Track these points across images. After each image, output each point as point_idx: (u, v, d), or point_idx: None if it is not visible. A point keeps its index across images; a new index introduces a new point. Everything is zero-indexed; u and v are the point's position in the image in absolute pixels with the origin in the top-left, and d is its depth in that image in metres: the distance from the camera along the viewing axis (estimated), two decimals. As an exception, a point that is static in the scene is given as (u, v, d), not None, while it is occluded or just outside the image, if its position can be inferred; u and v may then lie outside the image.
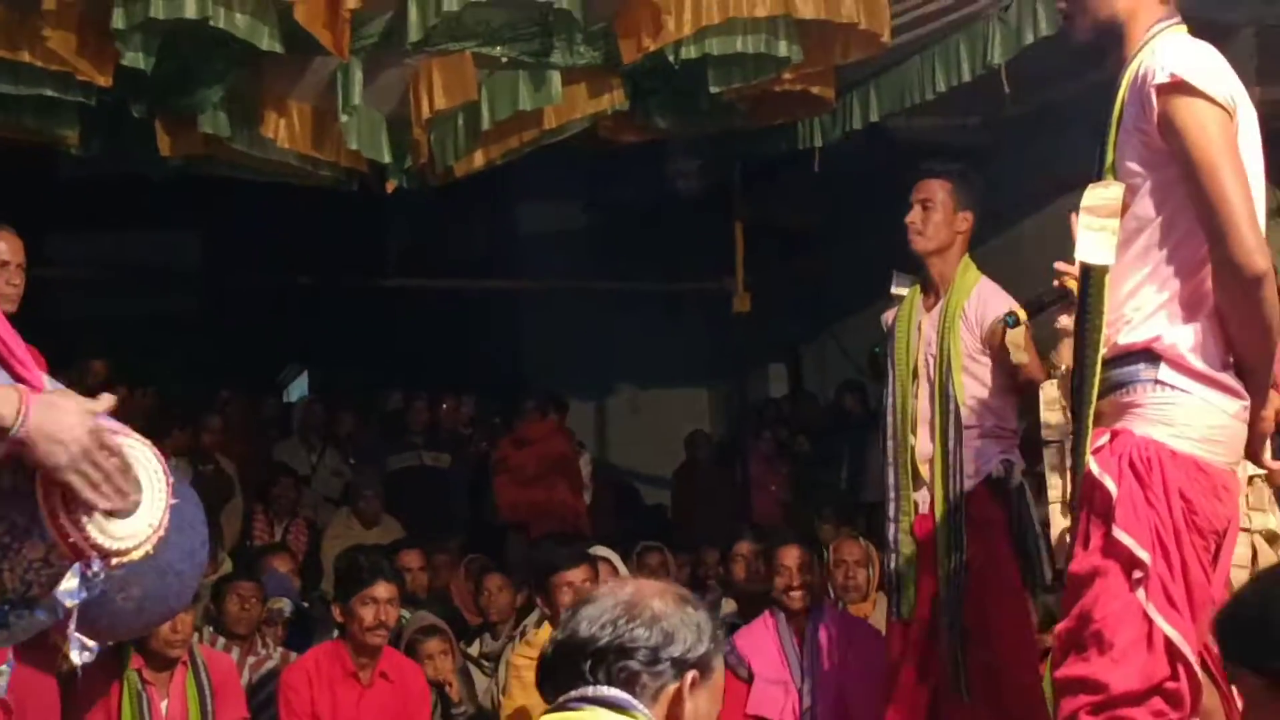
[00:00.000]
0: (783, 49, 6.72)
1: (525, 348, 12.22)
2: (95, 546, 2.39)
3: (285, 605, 6.81)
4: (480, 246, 11.94)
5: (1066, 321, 4.02)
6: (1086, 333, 3.36)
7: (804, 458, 10.45)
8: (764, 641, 5.92)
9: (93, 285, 11.17)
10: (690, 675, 2.36)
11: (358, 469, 9.99)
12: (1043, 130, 8.53)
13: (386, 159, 7.21)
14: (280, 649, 6.49)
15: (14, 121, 6.92)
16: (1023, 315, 5.08)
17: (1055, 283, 3.95)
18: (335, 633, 6.01)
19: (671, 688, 2.34)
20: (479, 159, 7.36)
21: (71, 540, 2.38)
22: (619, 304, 11.50)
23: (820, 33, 6.81)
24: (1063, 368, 4.11)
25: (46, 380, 2.49)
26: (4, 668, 2.61)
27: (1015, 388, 5.12)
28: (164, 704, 5.50)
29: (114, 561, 2.44)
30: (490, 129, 7.06)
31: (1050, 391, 4.02)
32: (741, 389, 11.29)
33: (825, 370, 11.33)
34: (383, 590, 5.73)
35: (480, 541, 9.01)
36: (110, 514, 2.47)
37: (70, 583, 2.40)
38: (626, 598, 2.38)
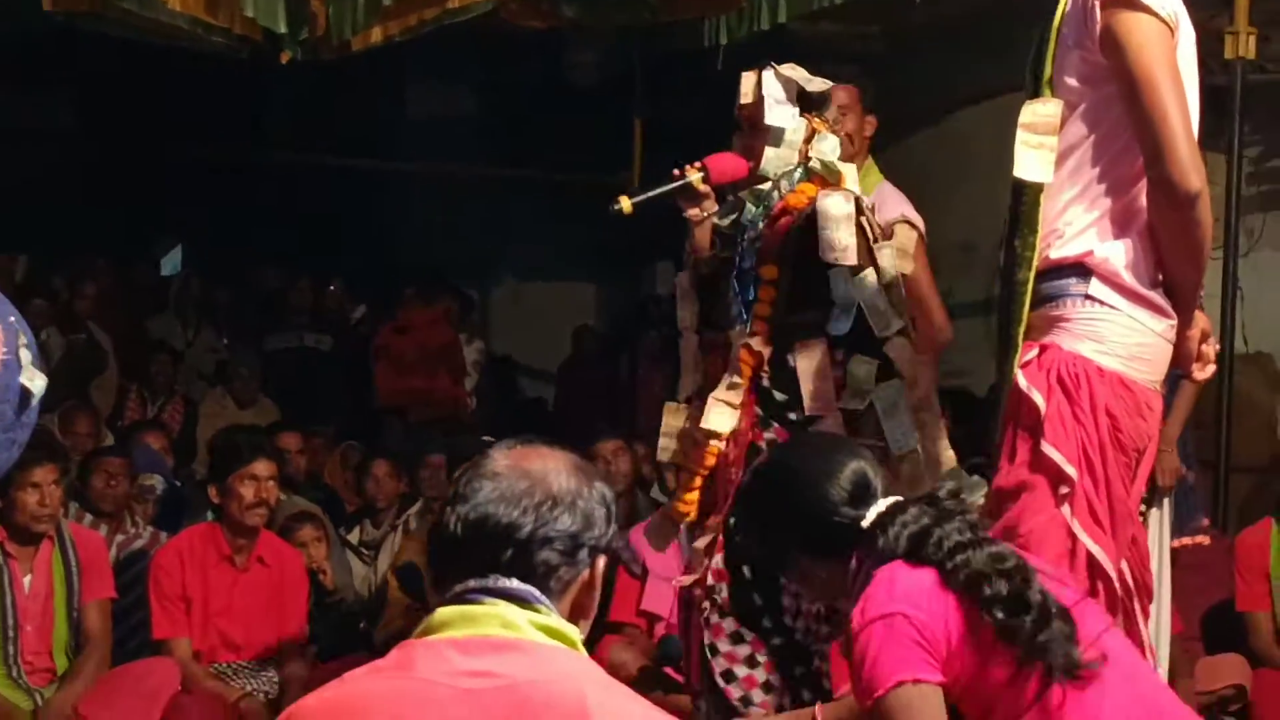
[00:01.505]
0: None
1: (407, 232, 12.02)
2: None
3: (157, 482, 6.63)
4: (366, 125, 11.68)
5: (695, 213, 4.16)
6: (1019, 249, 3.32)
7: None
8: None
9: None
10: (600, 560, 2.21)
11: (234, 347, 9.77)
12: (941, 44, 8.49)
13: (282, 29, 6.93)
14: (150, 528, 6.30)
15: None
16: (917, 224, 5.05)
17: (675, 171, 4.08)
18: (209, 515, 5.84)
19: (583, 576, 2.19)
20: (377, 34, 7.12)
21: None
22: (507, 191, 11.31)
23: (734, -74, 6.67)
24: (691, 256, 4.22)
25: None
26: None
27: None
28: (27, 579, 5.30)
29: None
30: (391, 4, 6.85)
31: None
32: (630, 285, 11.20)
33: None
34: (263, 468, 5.58)
35: (357, 427, 8.87)
36: None
37: None
38: (538, 476, 2.19)
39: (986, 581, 2.65)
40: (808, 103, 4.13)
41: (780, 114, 4.08)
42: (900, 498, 2.88)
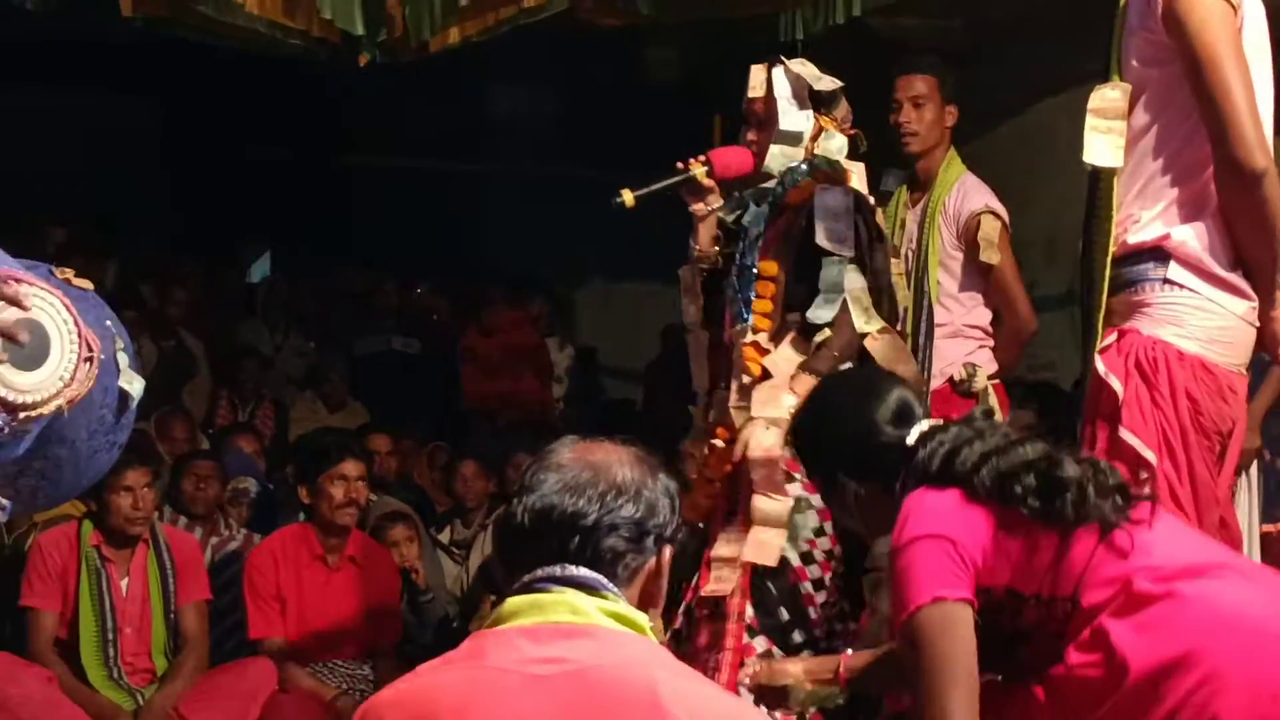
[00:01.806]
0: (768, -63, 6.57)
1: (490, 233, 12.06)
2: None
3: (250, 485, 6.71)
4: (448, 126, 11.73)
5: (700, 207, 4.16)
6: (1095, 235, 3.31)
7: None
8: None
9: (48, 149, 10.89)
10: (667, 550, 2.24)
11: (322, 351, 9.86)
12: (1023, 36, 8.42)
13: (360, 31, 6.99)
14: (244, 530, 6.39)
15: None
16: (1001, 215, 5.03)
17: (679, 164, 4.10)
18: (301, 516, 5.91)
19: (649, 564, 2.23)
20: (454, 35, 7.15)
21: None
22: (589, 192, 11.32)
23: (808, -80, 6.65)
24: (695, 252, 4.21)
25: None
26: None
27: (987, 288, 5.10)
28: (124, 582, 5.41)
29: (21, 416, 2.33)
30: (468, 5, 6.88)
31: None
32: (717, 284, 11.13)
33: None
34: (351, 468, 5.65)
35: (446, 429, 8.92)
36: (12, 365, 2.36)
37: None
38: (601, 466, 2.22)
39: (1014, 480, 2.64)
40: (817, 101, 4.12)
41: (795, 118, 4.07)
42: (942, 420, 2.89)
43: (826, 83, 4.14)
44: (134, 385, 2.92)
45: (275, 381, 9.52)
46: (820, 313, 3.91)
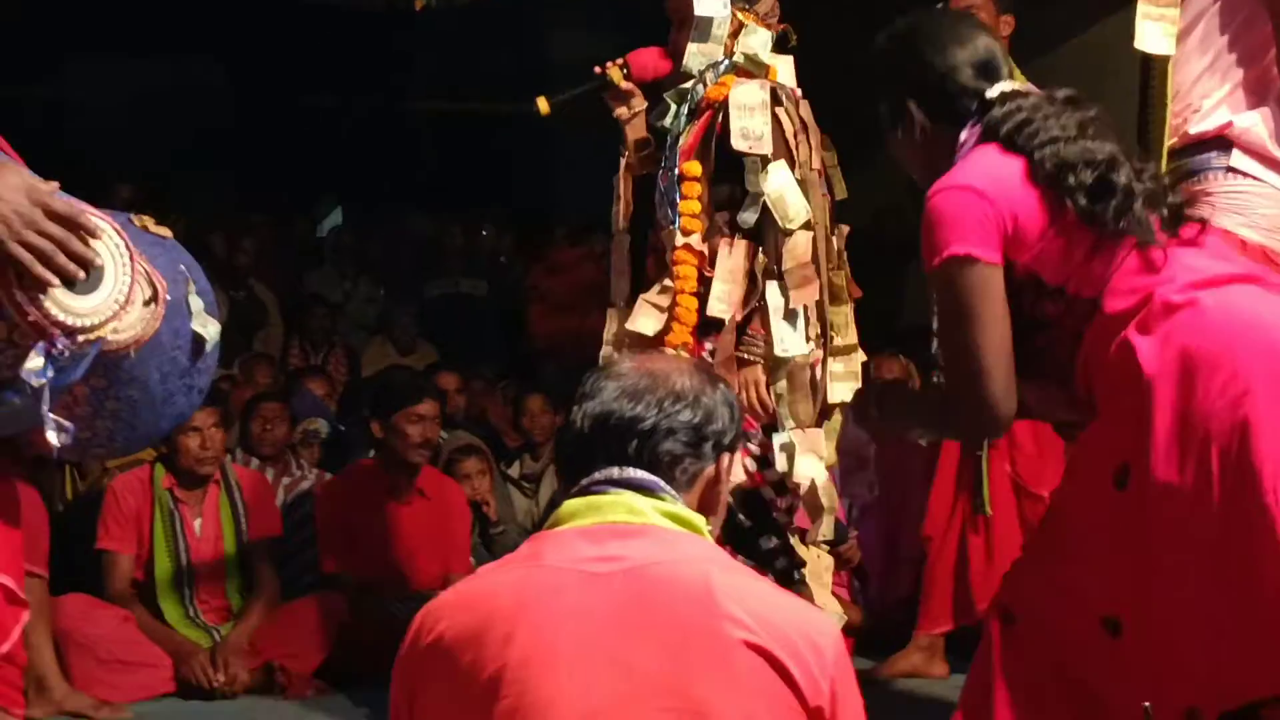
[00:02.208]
0: None
1: (554, 174, 12.05)
2: (56, 323, 2.31)
3: (321, 425, 6.75)
4: (508, 69, 11.71)
5: (623, 111, 4.10)
6: (1152, 125, 3.25)
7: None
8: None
9: (115, 109, 11.01)
10: (725, 458, 2.26)
11: (392, 296, 9.91)
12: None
13: (415, -26, 7.02)
14: (315, 470, 6.45)
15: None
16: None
17: (596, 69, 4.03)
18: (371, 452, 5.95)
19: (708, 470, 2.24)
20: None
21: (31, 319, 2.30)
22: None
23: None
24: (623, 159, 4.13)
25: None
26: None
27: None
28: (197, 522, 5.48)
29: (79, 339, 2.36)
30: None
31: None
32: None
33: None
34: (428, 407, 5.67)
35: (514, 368, 8.95)
36: (71, 288, 2.39)
37: (35, 361, 2.34)
38: (661, 374, 2.24)
39: (1072, 171, 2.60)
40: None
41: (709, 3, 3.95)
42: (1026, 86, 2.83)
43: None
44: (208, 329, 2.95)
45: (346, 328, 9.60)
46: (745, 216, 3.85)
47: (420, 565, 5.65)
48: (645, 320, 3.90)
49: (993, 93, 2.76)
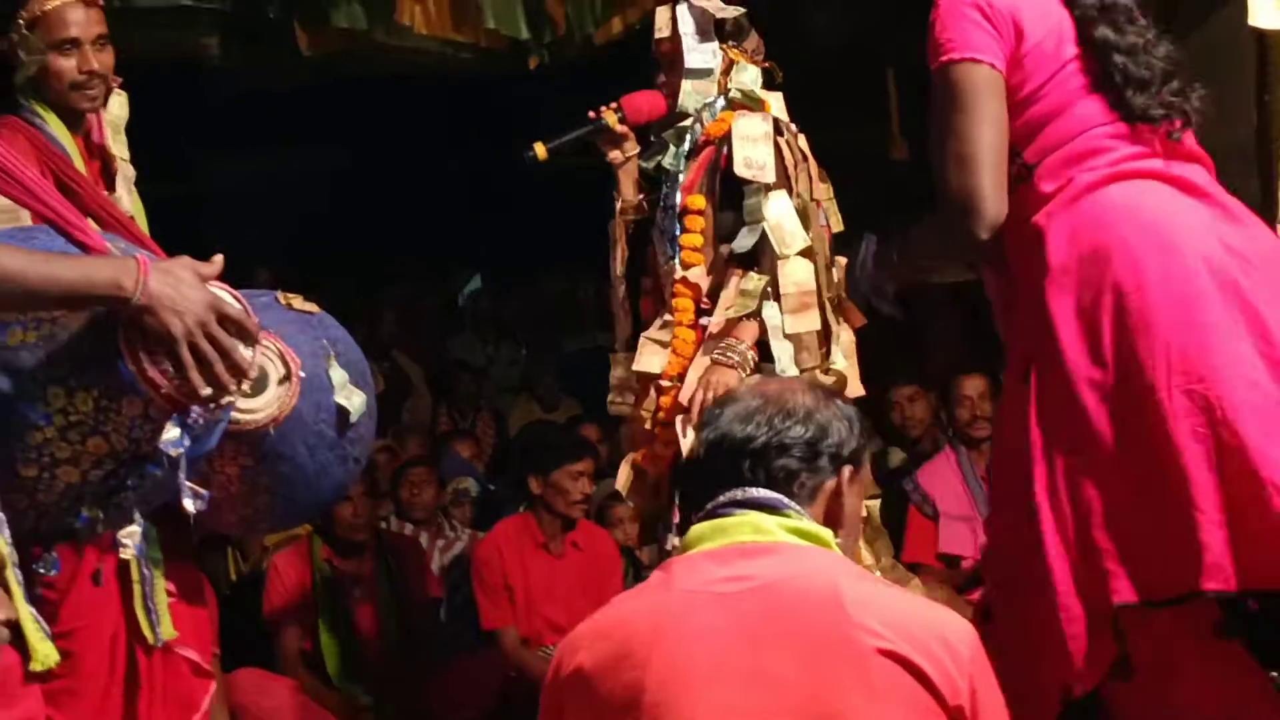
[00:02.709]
0: None
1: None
2: (190, 396, 2.40)
3: (470, 485, 6.84)
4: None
5: (617, 155, 4.13)
6: (1270, 104, 3.23)
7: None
8: (947, 477, 5.81)
9: (250, 199, 11.31)
10: (847, 470, 2.28)
11: (533, 356, 10.02)
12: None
13: (525, 35, 7.12)
14: (468, 530, 6.54)
15: (155, 36, 6.95)
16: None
17: (590, 113, 4.08)
18: (521, 506, 6.02)
19: (829, 484, 2.26)
20: (617, 25, 7.23)
21: (164, 391, 2.38)
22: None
23: None
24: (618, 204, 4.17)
25: (110, 243, 2.49)
26: (51, 556, 2.64)
27: None
28: (356, 589, 5.58)
29: (211, 407, 2.44)
30: (624, -9, 6.94)
31: None
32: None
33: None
34: (586, 464, 5.80)
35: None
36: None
37: (171, 433, 2.43)
38: (773, 395, 2.28)
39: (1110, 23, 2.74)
40: (723, 33, 4.04)
41: (699, 56, 4.00)
42: None
43: (729, 11, 4.06)
44: (352, 400, 3.04)
45: (490, 390, 9.71)
46: (742, 241, 3.87)
47: (578, 616, 5.68)
48: (650, 358, 3.93)
49: None
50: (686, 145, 4.04)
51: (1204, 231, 2.61)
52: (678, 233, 3.98)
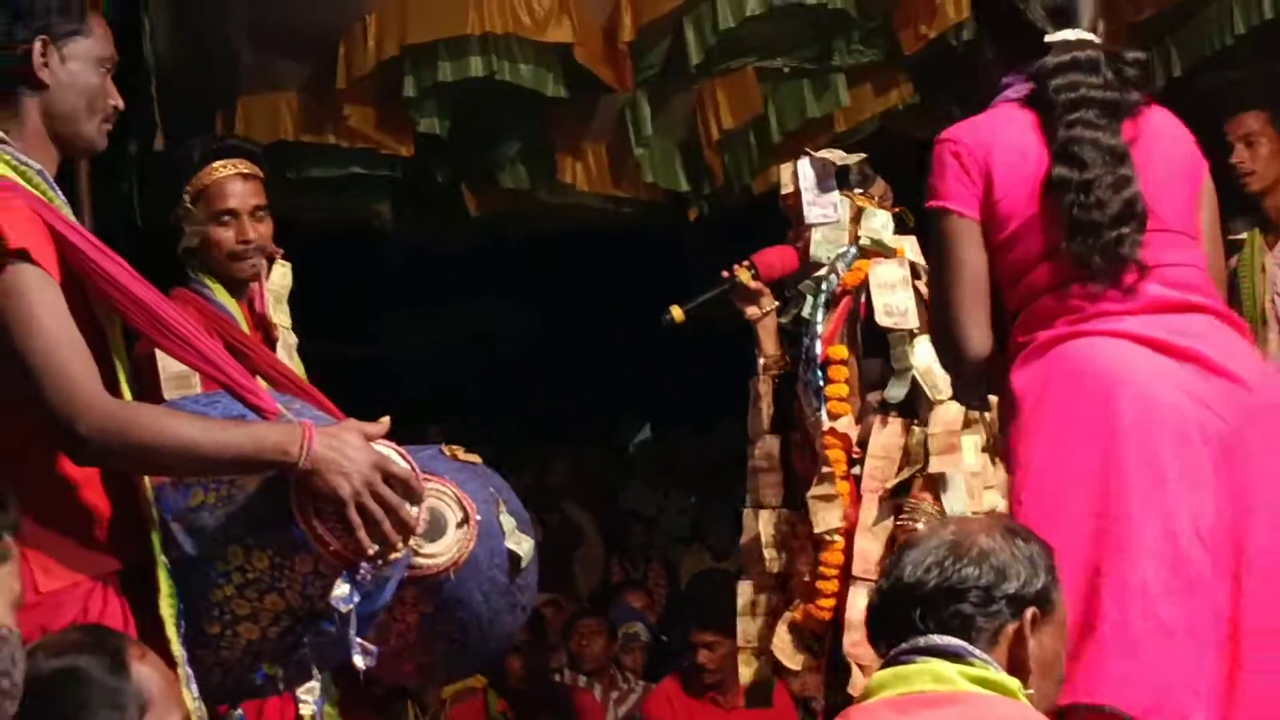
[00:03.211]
0: (1068, 16, 6.53)
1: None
2: (358, 552, 2.46)
3: (639, 629, 6.83)
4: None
5: (754, 311, 4.19)
6: None
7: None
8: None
9: (426, 359, 11.57)
10: (1030, 612, 2.20)
11: (703, 504, 10.01)
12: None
13: (684, 187, 7.24)
14: (641, 682, 6.52)
15: (328, 203, 7.21)
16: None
17: (724, 273, 4.16)
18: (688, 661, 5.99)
19: (1011, 628, 2.19)
20: (775, 174, 7.29)
21: (333, 549, 2.45)
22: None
23: (1105, -6, 6.58)
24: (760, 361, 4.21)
25: (283, 405, 2.58)
26: (237, 714, 2.70)
27: None
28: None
29: (379, 563, 2.50)
30: (781, 141, 7.02)
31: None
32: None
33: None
34: None
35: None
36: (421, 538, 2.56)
37: (341, 589, 2.48)
38: (950, 537, 2.24)
39: (1071, 160, 2.81)
40: (848, 181, 4.06)
41: (818, 210, 4.06)
42: (1093, 39, 2.88)
43: (851, 160, 4.15)
44: (522, 546, 3.10)
45: (662, 541, 9.71)
46: (893, 392, 3.91)
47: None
48: (828, 515, 3.94)
49: (1054, 36, 2.86)
50: (823, 296, 4.09)
51: (1148, 385, 2.77)
52: (822, 384, 4.00)
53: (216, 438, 2.43)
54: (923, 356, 3.86)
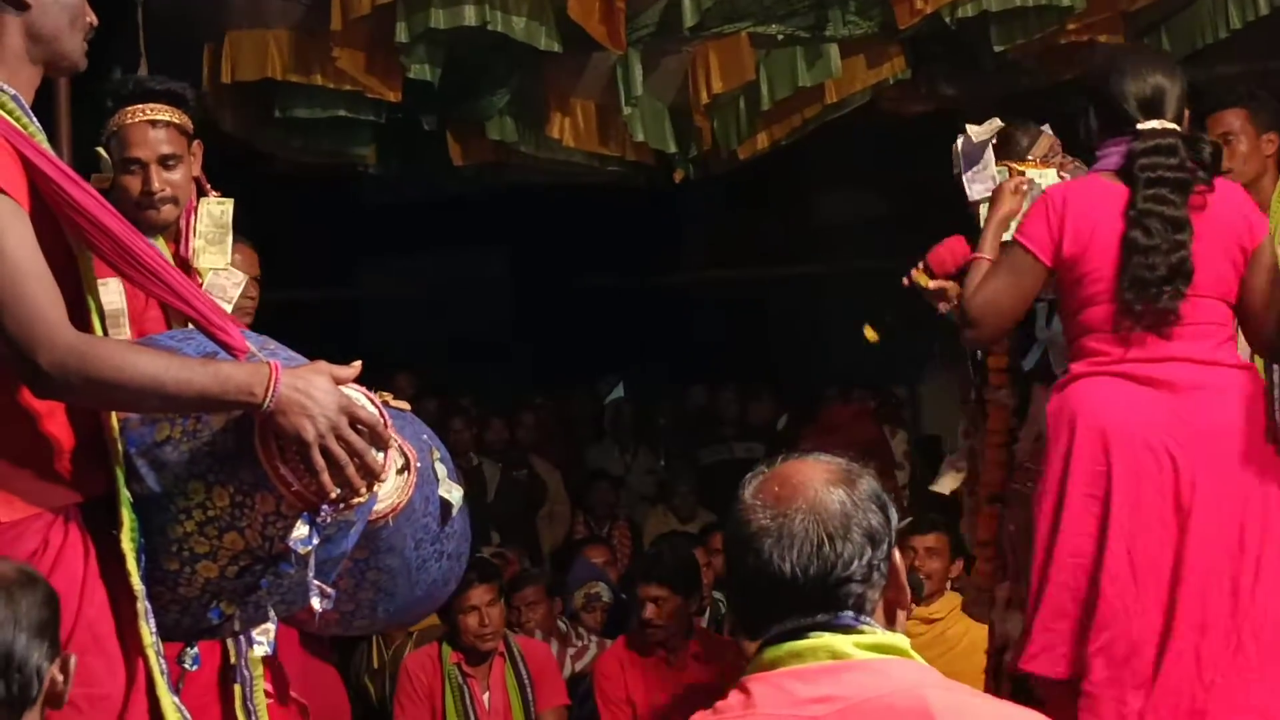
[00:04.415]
0: (1064, -2, 6.54)
1: (833, 338, 12.08)
2: (318, 493, 2.45)
3: (602, 590, 6.82)
4: (773, 234, 11.87)
5: (945, 305, 4.31)
6: None
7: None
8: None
9: (405, 305, 11.55)
10: (896, 554, 2.15)
11: (670, 466, 10.04)
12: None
13: (672, 149, 7.22)
14: (596, 639, 6.53)
15: (313, 145, 7.17)
16: None
17: (904, 281, 4.40)
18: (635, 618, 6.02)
19: (884, 583, 2.15)
20: (762, 140, 7.30)
21: (295, 489, 2.44)
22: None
23: (1102, -24, 6.59)
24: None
25: (251, 340, 2.56)
26: (192, 651, 2.70)
27: None
28: (486, 696, 5.62)
29: (340, 506, 2.49)
30: (771, 108, 7.01)
31: None
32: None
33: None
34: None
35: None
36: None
37: (301, 530, 2.48)
38: (807, 512, 2.10)
39: (1143, 228, 3.60)
40: (1006, 151, 4.09)
41: (977, 188, 4.13)
42: (1174, 128, 3.67)
43: (986, 133, 4.19)
44: (454, 494, 3.09)
45: (628, 500, 9.72)
46: (1028, 360, 4.35)
47: (703, 724, 5.67)
48: (944, 480, 4.57)
49: (1144, 125, 3.65)
50: None
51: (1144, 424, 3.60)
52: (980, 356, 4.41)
53: (179, 375, 2.41)
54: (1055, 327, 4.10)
